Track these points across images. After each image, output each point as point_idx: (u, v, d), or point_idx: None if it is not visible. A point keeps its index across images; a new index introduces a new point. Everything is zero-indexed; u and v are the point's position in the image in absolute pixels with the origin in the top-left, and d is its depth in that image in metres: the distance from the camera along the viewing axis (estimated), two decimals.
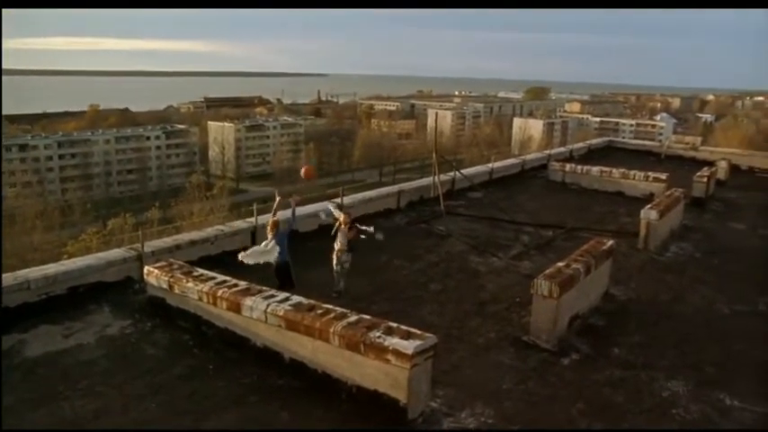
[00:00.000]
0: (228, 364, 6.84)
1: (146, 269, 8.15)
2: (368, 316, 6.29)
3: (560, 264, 8.26)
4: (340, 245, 9.02)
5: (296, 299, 6.77)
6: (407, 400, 5.72)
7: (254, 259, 8.47)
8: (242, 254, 8.51)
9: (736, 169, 20.57)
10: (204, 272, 7.80)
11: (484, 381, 6.85)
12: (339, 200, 12.49)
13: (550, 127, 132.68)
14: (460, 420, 6.04)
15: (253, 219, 10.90)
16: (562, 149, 24.17)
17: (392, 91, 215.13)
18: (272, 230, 8.55)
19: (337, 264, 9.03)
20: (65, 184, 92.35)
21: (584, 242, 9.60)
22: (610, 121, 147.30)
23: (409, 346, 5.59)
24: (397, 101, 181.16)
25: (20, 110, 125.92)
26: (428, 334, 5.88)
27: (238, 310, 6.91)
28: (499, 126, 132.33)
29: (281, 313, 6.50)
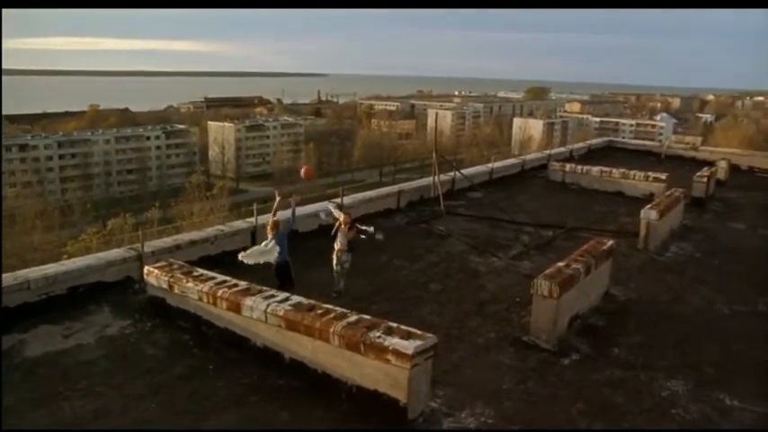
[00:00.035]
0: (228, 364, 6.84)
1: (146, 269, 8.16)
2: (368, 316, 6.29)
3: (560, 264, 8.27)
4: (340, 245, 9.02)
5: (296, 299, 6.77)
6: (407, 400, 5.72)
7: (254, 259, 8.47)
8: (242, 254, 8.49)
9: (736, 169, 20.58)
10: (204, 272, 7.81)
11: (484, 381, 6.85)
12: (339, 200, 12.50)
13: (550, 127, 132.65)
14: (460, 420, 6.04)
15: (253, 219, 10.91)
16: (562, 149, 24.17)
17: (392, 91, 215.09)
18: (273, 230, 8.55)
19: (337, 264, 9.03)
20: (65, 184, 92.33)
21: (584, 242, 9.60)
22: (610, 121, 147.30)
23: (409, 346, 5.59)
24: (397, 101, 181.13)
25: (20, 110, 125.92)
26: (428, 334, 5.88)
27: (238, 310, 6.92)
28: (499, 126, 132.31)
29: (281, 313, 6.50)
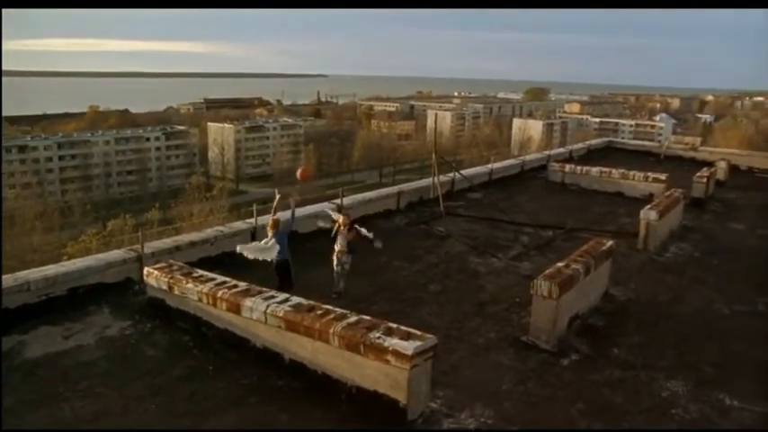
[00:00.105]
0: (228, 365, 6.85)
1: (145, 270, 8.16)
2: (368, 317, 6.29)
3: (560, 264, 8.27)
4: (340, 246, 9.03)
5: (296, 300, 6.78)
6: (407, 401, 5.73)
7: (252, 253, 8.50)
8: (241, 246, 8.54)
9: (735, 169, 20.60)
10: (204, 273, 7.81)
11: (483, 381, 6.85)
12: (339, 201, 12.51)
13: (550, 127, 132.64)
14: (460, 421, 6.04)
15: (252, 220, 10.92)
16: (562, 150, 24.17)
17: (392, 92, 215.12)
18: (272, 229, 8.57)
19: (338, 264, 9.04)
20: (64, 186, 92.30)
21: (583, 242, 9.61)
22: (609, 122, 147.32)
23: (409, 347, 5.60)
24: (397, 102, 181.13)
25: (20, 111, 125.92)
26: (428, 335, 5.88)
27: (238, 311, 6.92)
28: (499, 127, 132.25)
29: (281, 314, 6.50)
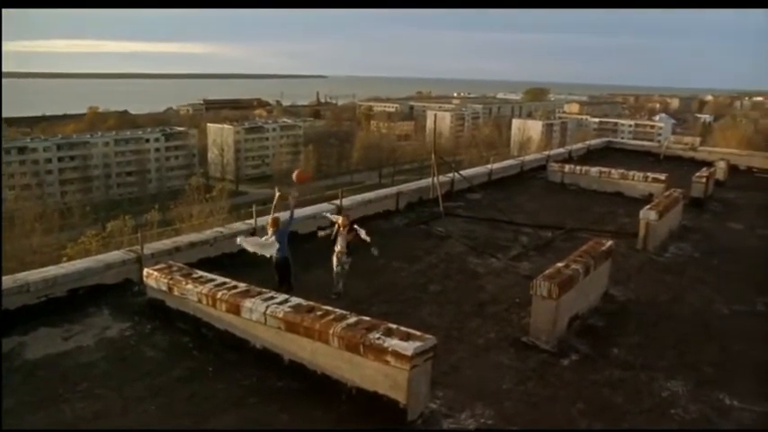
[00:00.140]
0: (228, 366, 6.85)
1: (145, 271, 8.16)
2: (367, 317, 6.30)
3: (559, 264, 8.28)
4: (340, 247, 9.03)
5: (295, 300, 6.78)
6: (407, 402, 5.73)
7: (252, 246, 8.52)
8: (242, 238, 8.54)
9: (734, 169, 20.62)
10: (204, 274, 7.81)
11: (483, 382, 6.85)
12: (338, 202, 12.51)
13: (549, 128, 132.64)
14: (460, 421, 6.04)
15: (252, 220, 10.91)
16: (561, 150, 24.18)
17: (391, 92, 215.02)
18: (272, 227, 8.58)
19: (338, 265, 9.04)
20: (64, 187, 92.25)
21: (583, 243, 9.62)
22: (608, 122, 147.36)
23: (409, 348, 5.60)
24: (396, 102, 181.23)
25: (19, 113, 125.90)
26: (428, 335, 5.89)
27: (238, 312, 6.92)
28: (498, 127, 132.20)
29: (281, 315, 6.50)
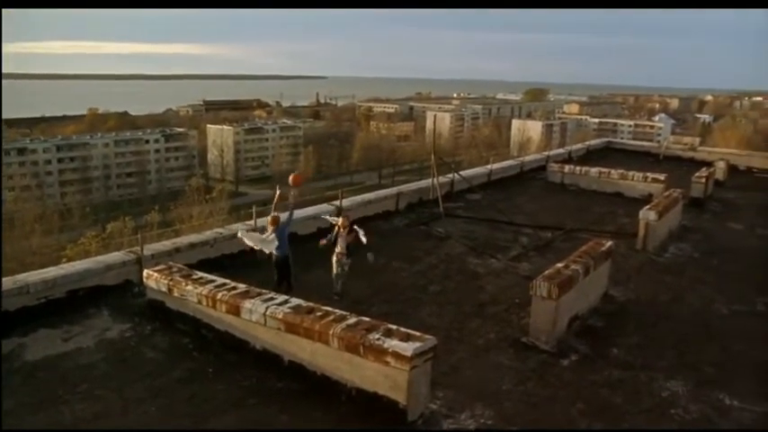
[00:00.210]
0: (228, 367, 6.85)
1: (145, 272, 8.16)
2: (367, 318, 6.30)
3: (559, 265, 8.28)
4: (340, 248, 9.04)
5: (295, 301, 6.78)
6: (407, 402, 5.73)
7: (251, 241, 8.53)
8: (242, 231, 8.55)
9: (734, 170, 20.63)
10: (203, 275, 7.81)
11: (483, 382, 6.86)
12: (338, 202, 12.51)
13: (549, 128, 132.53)
14: (460, 422, 6.05)
15: (252, 221, 10.91)
16: (561, 151, 24.19)
17: (391, 93, 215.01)
18: (273, 225, 8.59)
19: (338, 266, 9.05)
20: (64, 188, 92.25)
21: (582, 243, 9.62)
22: (608, 122, 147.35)
23: (408, 348, 5.60)
24: (396, 103, 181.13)
25: (19, 114, 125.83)
26: (427, 336, 5.89)
27: (238, 313, 6.92)
28: (498, 128, 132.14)
29: (281, 316, 6.51)
